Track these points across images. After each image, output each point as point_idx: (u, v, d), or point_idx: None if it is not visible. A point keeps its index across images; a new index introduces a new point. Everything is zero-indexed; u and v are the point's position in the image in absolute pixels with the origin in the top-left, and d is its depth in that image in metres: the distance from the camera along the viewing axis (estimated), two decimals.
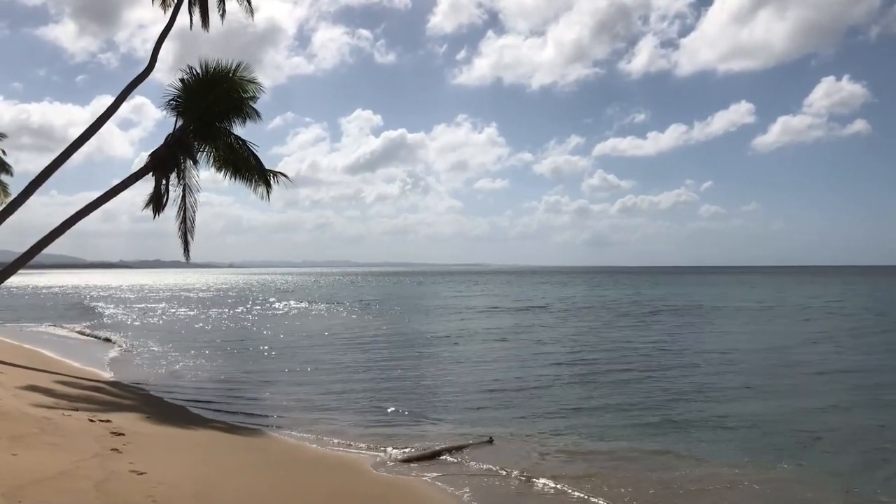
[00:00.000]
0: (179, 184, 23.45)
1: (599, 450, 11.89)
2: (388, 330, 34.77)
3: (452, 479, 10.20)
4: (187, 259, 24.91)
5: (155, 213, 23.54)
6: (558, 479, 10.24)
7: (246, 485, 9.16)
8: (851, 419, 14.42)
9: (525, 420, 14.28)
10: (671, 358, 23.62)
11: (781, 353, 25.18)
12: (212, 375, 20.46)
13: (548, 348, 26.40)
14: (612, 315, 43.83)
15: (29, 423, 10.71)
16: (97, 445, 9.80)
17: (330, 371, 21.08)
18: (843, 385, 18.31)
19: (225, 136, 23.52)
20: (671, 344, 27.79)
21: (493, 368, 21.54)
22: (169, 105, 23.19)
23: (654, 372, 20.30)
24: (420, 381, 19.37)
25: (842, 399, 16.34)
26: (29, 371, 18.40)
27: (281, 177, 24.59)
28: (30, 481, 7.55)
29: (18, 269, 23.56)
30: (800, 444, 12.32)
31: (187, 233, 23.92)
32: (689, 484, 10.05)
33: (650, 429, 13.38)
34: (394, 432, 13.33)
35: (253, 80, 23.21)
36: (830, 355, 24.39)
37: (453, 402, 16.27)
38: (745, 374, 20.16)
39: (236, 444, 12.13)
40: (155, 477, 8.41)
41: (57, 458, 8.75)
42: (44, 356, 23.27)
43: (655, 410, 15.06)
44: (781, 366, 22.14)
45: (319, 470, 10.54)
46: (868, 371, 20.61)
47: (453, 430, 13.35)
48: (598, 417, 14.51)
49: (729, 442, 12.53)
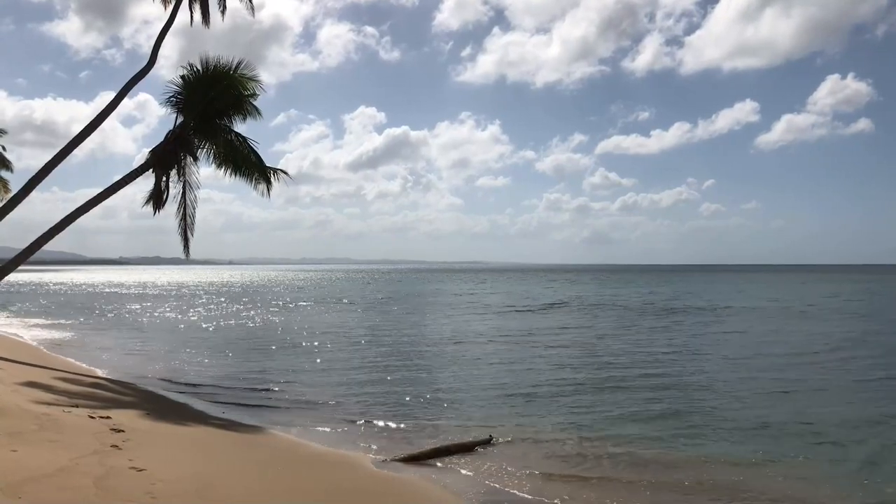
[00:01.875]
0: (180, 180, 23.46)
1: (604, 448, 11.87)
2: (406, 330, 34.23)
3: (452, 478, 10.20)
4: (187, 256, 24.91)
5: (155, 209, 23.54)
6: (558, 477, 10.24)
7: (246, 481, 9.15)
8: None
9: (529, 418, 14.28)
10: (703, 362, 22.54)
11: (813, 356, 23.66)
12: (214, 372, 20.46)
13: (570, 351, 25.24)
14: (635, 314, 42.91)
15: (28, 420, 10.70)
16: (97, 442, 9.79)
17: (333, 369, 21.04)
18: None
19: (225, 133, 23.48)
20: (703, 346, 26.77)
21: (520, 369, 20.89)
22: (170, 102, 23.16)
23: (683, 376, 19.48)
24: (437, 380, 19.24)
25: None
26: (28, 367, 18.40)
27: (281, 174, 24.59)
28: (29, 478, 7.54)
29: (19, 265, 23.57)
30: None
31: (187, 230, 23.91)
32: (697, 484, 10.00)
33: (658, 429, 13.24)
34: (396, 430, 13.34)
35: (254, 78, 23.17)
36: (867, 359, 22.79)
37: (459, 400, 16.22)
38: (771, 376, 19.34)
39: (236, 440, 12.12)
40: (154, 473, 8.40)
41: (56, 454, 8.74)
42: (44, 352, 23.29)
43: (675, 416, 14.48)
44: (816, 365, 21.29)
45: (319, 467, 10.53)
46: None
47: (455, 428, 13.34)
48: (606, 416, 14.42)
49: (741, 443, 12.31)
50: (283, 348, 26.20)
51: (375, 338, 29.82)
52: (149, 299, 64.02)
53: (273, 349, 25.99)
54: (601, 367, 20.97)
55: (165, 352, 24.99)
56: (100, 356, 23.28)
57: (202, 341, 28.47)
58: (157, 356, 23.80)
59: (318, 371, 20.56)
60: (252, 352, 25.48)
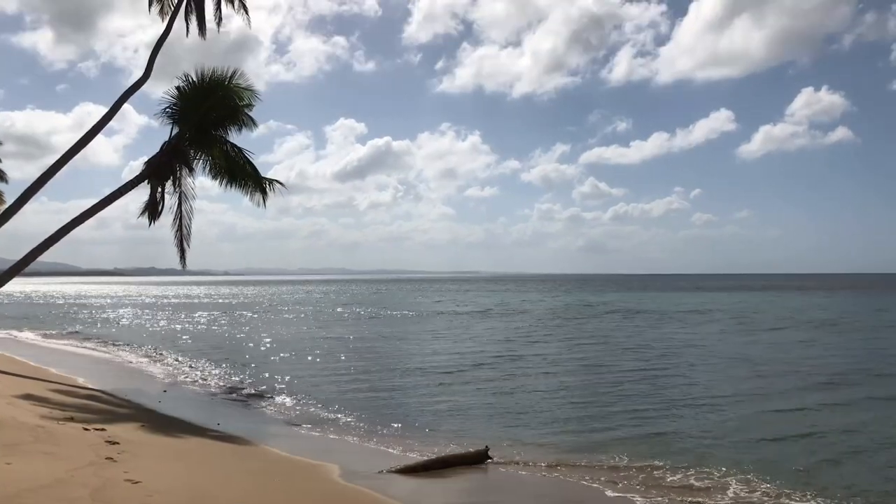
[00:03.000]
0: (175, 191, 23.46)
1: (595, 458, 11.94)
2: (396, 343, 34.61)
3: (444, 489, 10.20)
4: (183, 266, 24.85)
5: (151, 220, 23.51)
6: (557, 480, 10.25)
7: (239, 492, 9.14)
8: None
9: (526, 430, 14.30)
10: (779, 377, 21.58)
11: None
12: (209, 385, 20.41)
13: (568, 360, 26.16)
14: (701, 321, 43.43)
15: (24, 432, 10.67)
16: (92, 454, 9.78)
17: (329, 381, 21.05)
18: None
19: (221, 144, 23.53)
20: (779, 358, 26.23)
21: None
22: (165, 113, 23.21)
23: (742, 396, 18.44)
24: (429, 392, 19.31)
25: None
26: (24, 380, 18.35)
27: (276, 184, 24.60)
28: (24, 490, 7.54)
29: (14, 276, 23.50)
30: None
31: (183, 240, 23.91)
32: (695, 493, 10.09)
33: (658, 441, 13.33)
34: (392, 442, 13.36)
35: (249, 88, 23.25)
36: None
37: (454, 411, 16.31)
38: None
39: (230, 452, 12.11)
40: (149, 485, 8.40)
41: (52, 466, 8.73)
42: (39, 365, 23.18)
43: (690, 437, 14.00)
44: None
45: (312, 480, 10.52)
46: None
47: (451, 440, 13.38)
48: (604, 427, 14.53)
49: (744, 454, 12.35)
50: (273, 360, 26.14)
51: (366, 350, 29.82)
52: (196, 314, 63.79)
53: (265, 361, 25.94)
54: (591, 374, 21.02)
55: (164, 365, 24.92)
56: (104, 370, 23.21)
57: (201, 355, 28.37)
58: (153, 370, 23.73)
59: (312, 383, 20.54)
60: (247, 365, 25.42)
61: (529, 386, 19.76)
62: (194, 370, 23.42)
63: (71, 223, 22.56)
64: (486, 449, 11.95)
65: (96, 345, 31.56)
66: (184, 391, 19.07)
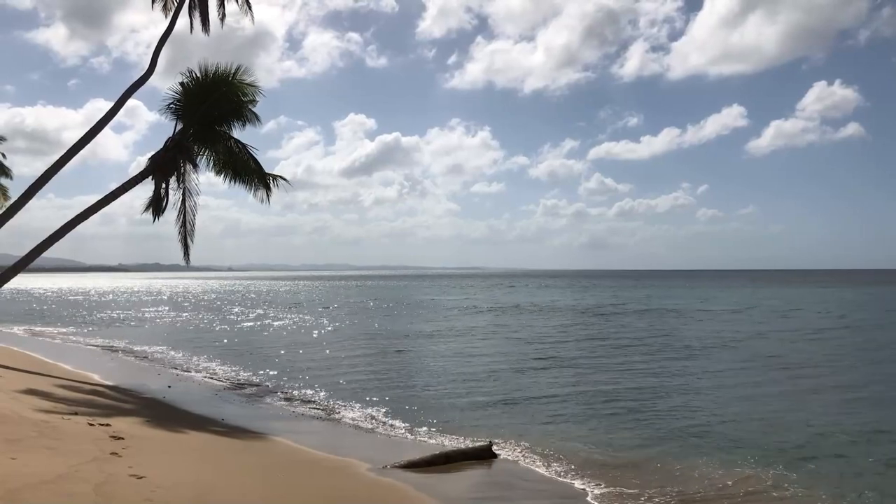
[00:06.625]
0: (179, 187, 23.48)
1: (601, 456, 11.88)
2: (405, 338, 34.58)
3: (449, 486, 10.18)
4: (187, 262, 24.89)
5: (155, 216, 23.56)
6: (560, 482, 10.22)
7: (244, 487, 9.14)
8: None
9: (529, 426, 14.28)
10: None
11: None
12: (214, 380, 20.44)
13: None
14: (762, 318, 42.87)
15: (27, 427, 10.69)
16: (96, 449, 9.78)
17: (333, 376, 21.04)
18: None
19: (225, 140, 23.53)
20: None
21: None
22: (169, 109, 23.21)
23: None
24: (436, 387, 19.30)
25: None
26: (28, 374, 18.40)
27: (280, 180, 24.61)
28: (28, 485, 7.54)
29: (19, 272, 23.55)
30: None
31: (187, 236, 23.93)
32: (704, 491, 9.99)
33: (661, 437, 13.25)
34: (395, 436, 13.36)
35: (252, 84, 23.25)
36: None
37: (457, 406, 16.25)
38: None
39: (235, 446, 12.11)
40: (154, 480, 8.40)
41: (55, 461, 8.73)
42: (43, 360, 23.25)
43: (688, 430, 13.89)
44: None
45: (317, 473, 10.52)
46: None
47: (455, 434, 13.36)
48: (608, 424, 14.41)
49: (748, 450, 12.19)
50: (280, 354, 26.16)
51: (374, 345, 29.82)
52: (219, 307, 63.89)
53: (271, 355, 25.95)
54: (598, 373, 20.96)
55: (167, 359, 24.97)
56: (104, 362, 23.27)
57: (205, 349, 28.42)
58: (156, 364, 23.78)
59: (317, 377, 20.52)
60: (254, 359, 25.43)
61: (561, 384, 19.05)
62: (200, 364, 23.43)
63: (75, 219, 22.59)
64: (489, 444, 11.89)
65: (102, 340, 31.60)
66: (190, 385, 19.08)
